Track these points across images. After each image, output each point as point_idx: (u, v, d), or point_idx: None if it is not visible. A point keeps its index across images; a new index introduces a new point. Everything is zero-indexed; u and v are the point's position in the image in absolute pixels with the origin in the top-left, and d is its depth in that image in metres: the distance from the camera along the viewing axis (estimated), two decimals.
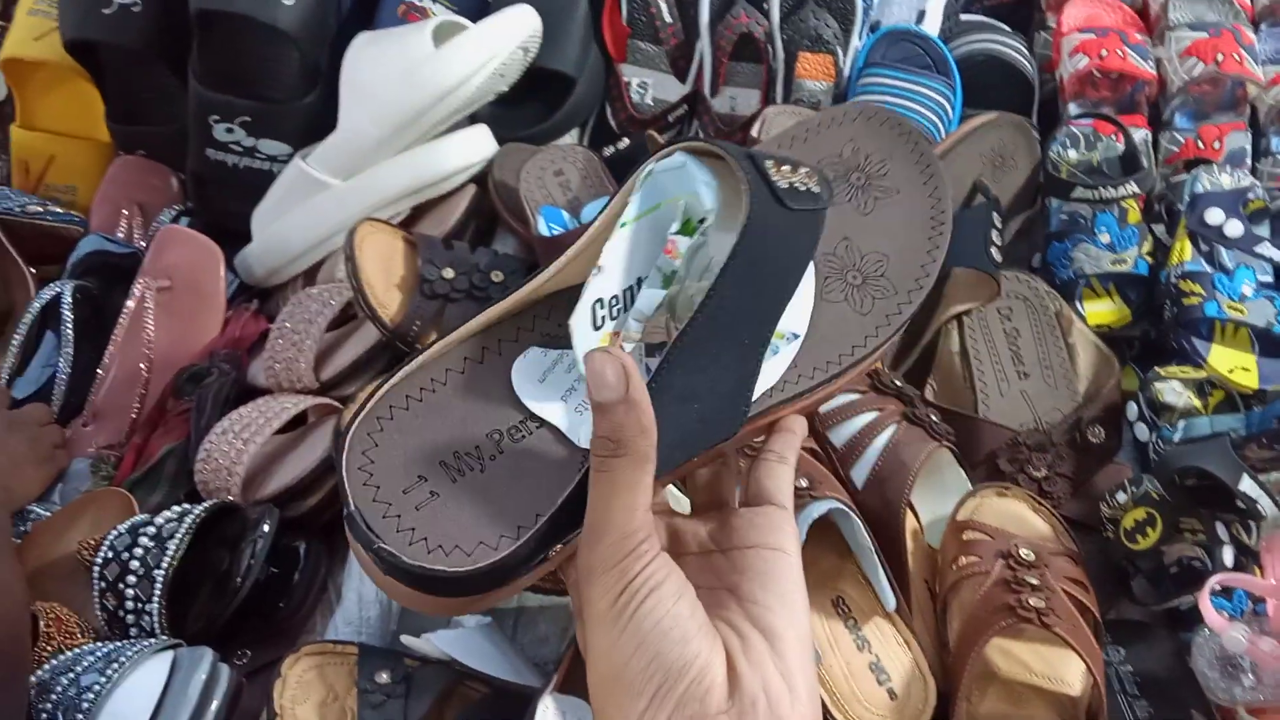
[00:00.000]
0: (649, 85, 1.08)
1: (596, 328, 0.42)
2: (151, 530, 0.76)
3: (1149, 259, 0.88)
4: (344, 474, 0.40)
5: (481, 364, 0.44)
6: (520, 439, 0.42)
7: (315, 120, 0.99)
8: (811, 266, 0.45)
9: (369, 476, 0.40)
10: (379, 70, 0.93)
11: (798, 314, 0.44)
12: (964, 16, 1.09)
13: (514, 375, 0.43)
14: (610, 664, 0.37)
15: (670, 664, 0.36)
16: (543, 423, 0.43)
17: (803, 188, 0.41)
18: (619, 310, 0.42)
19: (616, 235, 0.42)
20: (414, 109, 0.93)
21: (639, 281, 0.42)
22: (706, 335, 0.38)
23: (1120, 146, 0.92)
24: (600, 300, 0.42)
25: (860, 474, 0.77)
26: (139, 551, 0.75)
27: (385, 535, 0.38)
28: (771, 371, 0.43)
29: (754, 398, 0.42)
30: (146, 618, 0.74)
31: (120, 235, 1.06)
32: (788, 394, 0.43)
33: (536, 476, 0.41)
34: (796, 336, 0.44)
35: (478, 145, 0.99)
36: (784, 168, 0.42)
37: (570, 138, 1.09)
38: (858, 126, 0.49)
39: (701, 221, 0.41)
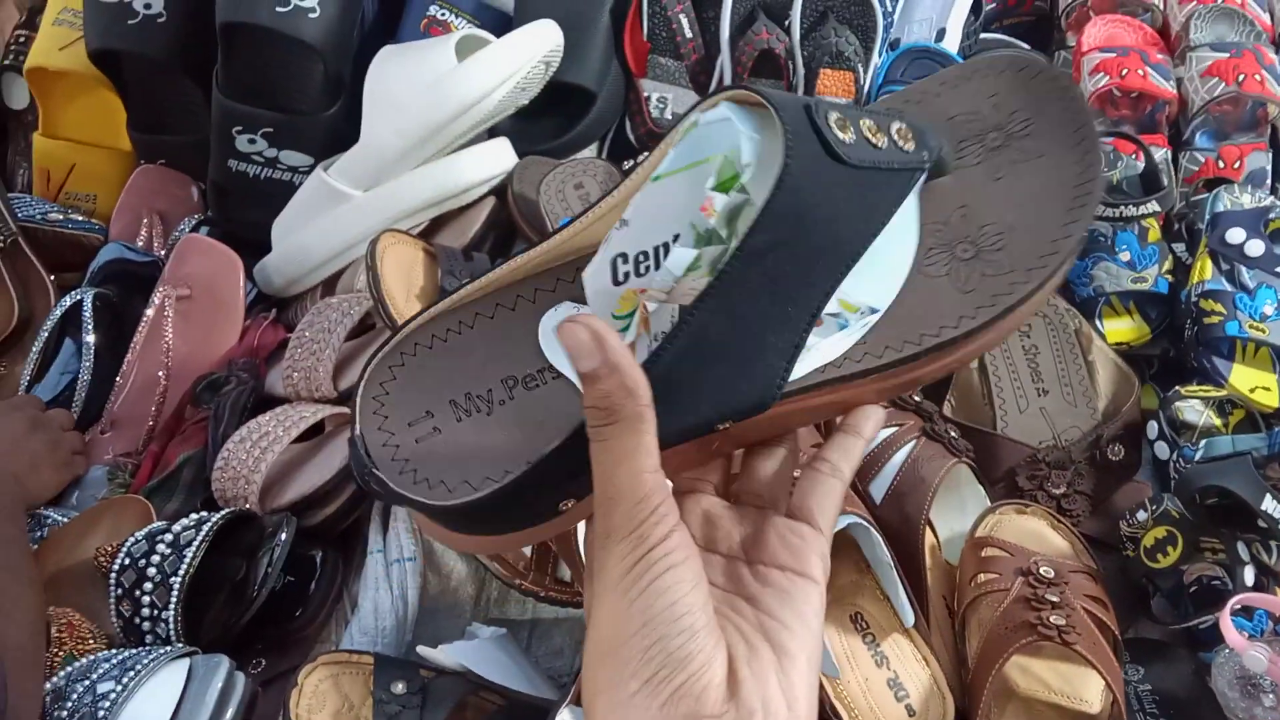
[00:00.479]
0: (669, 100, 1.08)
1: (617, 283, 0.40)
2: (169, 537, 0.76)
3: (1169, 277, 0.88)
4: (358, 401, 0.40)
5: (513, 311, 0.43)
6: (534, 387, 0.42)
7: (337, 132, 1.00)
8: (912, 235, 0.41)
9: (380, 406, 0.41)
10: (402, 83, 0.94)
11: (880, 286, 0.40)
12: (983, 35, 1.09)
13: (541, 325, 0.42)
14: (611, 636, 0.36)
15: (672, 652, 0.35)
16: (559, 375, 0.42)
17: (881, 144, 0.38)
18: (647, 268, 0.39)
19: (647, 189, 0.40)
20: (436, 122, 0.93)
21: (676, 239, 0.39)
22: (736, 293, 0.36)
23: (1140, 165, 0.92)
24: (624, 255, 0.40)
25: (879, 489, 0.77)
26: (156, 559, 0.75)
27: (380, 463, 0.39)
28: (835, 346, 0.40)
29: (805, 372, 0.39)
30: (163, 625, 0.74)
31: (140, 244, 1.06)
32: (846, 370, 0.39)
33: (540, 425, 0.40)
34: (875, 311, 0.40)
35: (498, 158, 0.99)
36: (863, 121, 0.38)
37: (589, 151, 1.09)
38: (1004, 80, 0.43)
39: (739, 177, 0.38)
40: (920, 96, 0.45)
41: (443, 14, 1.11)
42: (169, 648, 0.72)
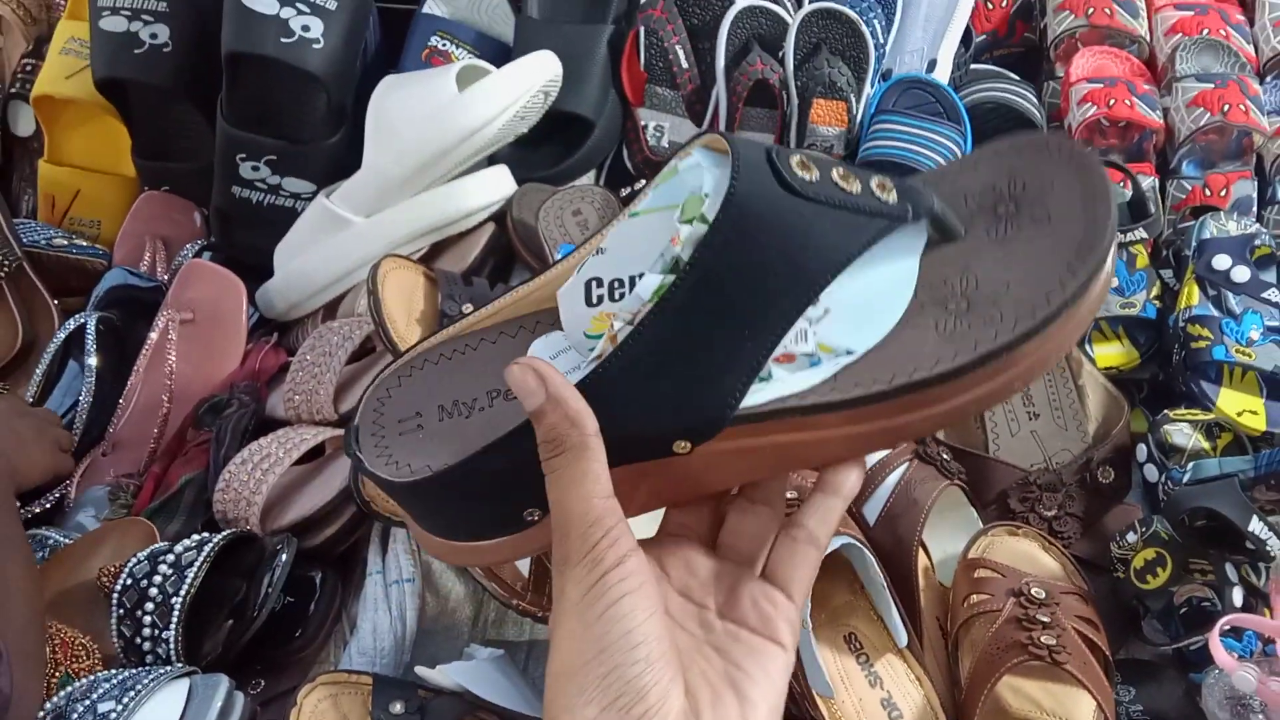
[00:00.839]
0: (665, 128, 1.10)
1: (590, 305, 0.42)
2: (170, 558, 0.77)
3: (1157, 303, 0.89)
4: (362, 403, 0.45)
5: (513, 339, 0.46)
6: (512, 399, 0.44)
7: (340, 159, 1.02)
8: (905, 291, 0.41)
9: (380, 406, 0.45)
10: (404, 112, 0.96)
11: (861, 333, 0.40)
12: (974, 66, 1.11)
13: (531, 349, 0.45)
14: (568, 659, 0.36)
15: (629, 680, 0.36)
16: None
17: (852, 189, 0.39)
18: (621, 295, 0.41)
19: (626, 222, 0.42)
20: (437, 149, 0.95)
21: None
22: (689, 311, 0.37)
23: (1128, 193, 0.94)
24: (599, 279, 0.42)
25: (872, 511, 0.78)
26: (158, 579, 0.76)
27: (364, 448, 0.43)
28: (801, 380, 0.40)
29: (764, 400, 0.39)
30: (163, 645, 0.75)
31: (144, 269, 1.08)
32: (808, 401, 0.39)
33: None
34: (850, 354, 0.40)
35: (497, 185, 1.01)
36: (836, 169, 0.39)
37: (587, 178, 1.11)
38: (1023, 157, 0.44)
39: (702, 208, 0.39)
40: (939, 178, 0.45)
41: (444, 44, 1.13)
42: (169, 667, 0.73)
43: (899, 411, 0.39)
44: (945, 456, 0.80)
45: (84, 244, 1.12)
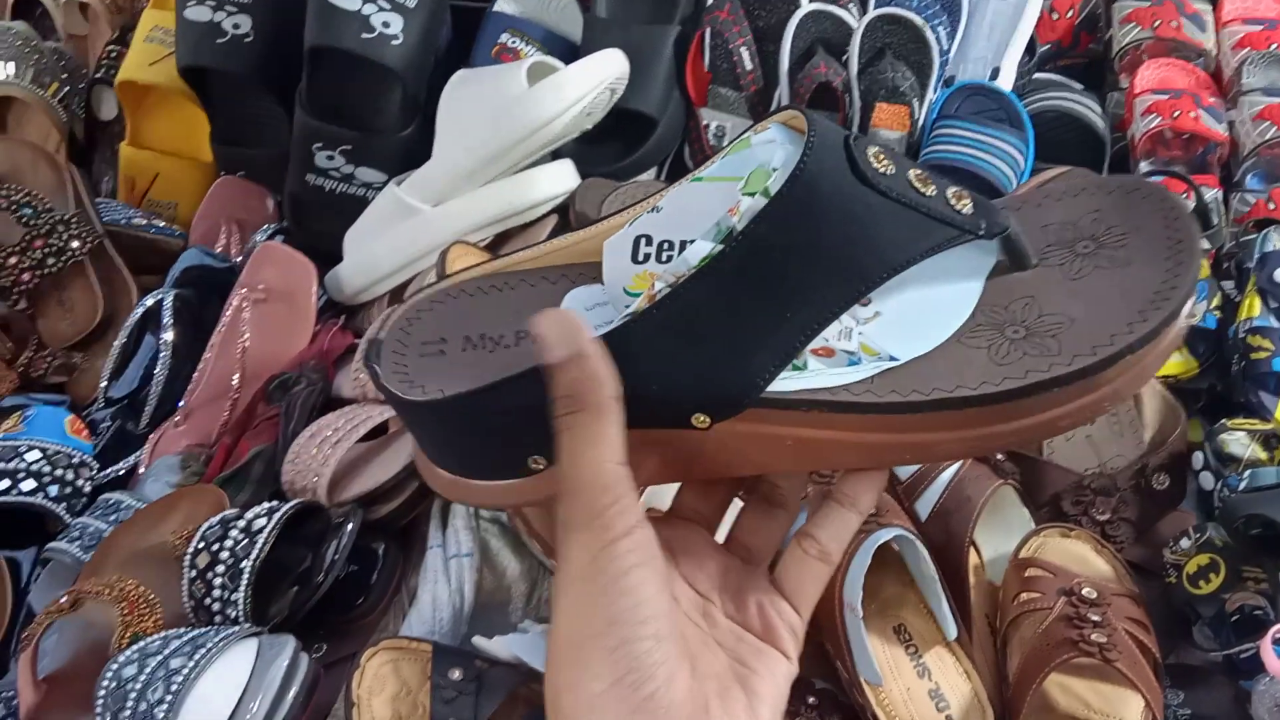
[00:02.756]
0: (726, 129, 1.12)
1: (636, 261, 0.41)
2: (241, 524, 0.80)
3: (1218, 314, 0.89)
4: (391, 320, 0.44)
5: (553, 285, 0.45)
6: None
7: (411, 151, 1.05)
8: (964, 309, 0.40)
9: (408, 324, 0.44)
10: (475, 105, 0.98)
11: (908, 341, 0.39)
12: (1037, 75, 1.12)
13: (567, 297, 0.44)
14: (574, 628, 0.35)
15: (637, 656, 0.34)
16: None
17: (928, 192, 0.38)
18: (669, 257, 0.41)
19: (686, 186, 0.41)
20: (506, 142, 0.97)
21: None
22: (733, 281, 0.36)
23: (1191, 204, 0.94)
24: (648, 237, 0.41)
25: (924, 507, 0.79)
26: (229, 543, 0.79)
27: (384, 364, 0.42)
28: (837, 377, 0.38)
29: (793, 388, 0.38)
30: (232, 606, 0.78)
31: (218, 250, 1.11)
32: (840, 398, 0.38)
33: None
34: (894, 360, 0.39)
35: (562, 178, 1.03)
36: (914, 170, 0.38)
37: (648, 175, 1.13)
38: (1111, 199, 0.42)
39: (767, 182, 0.38)
40: (1021, 203, 0.44)
41: (513, 42, 1.16)
42: (237, 627, 0.75)
43: (931, 427, 0.38)
44: (999, 456, 0.81)
45: (162, 224, 1.16)
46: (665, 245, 0.41)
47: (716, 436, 0.39)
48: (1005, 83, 1.05)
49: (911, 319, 0.39)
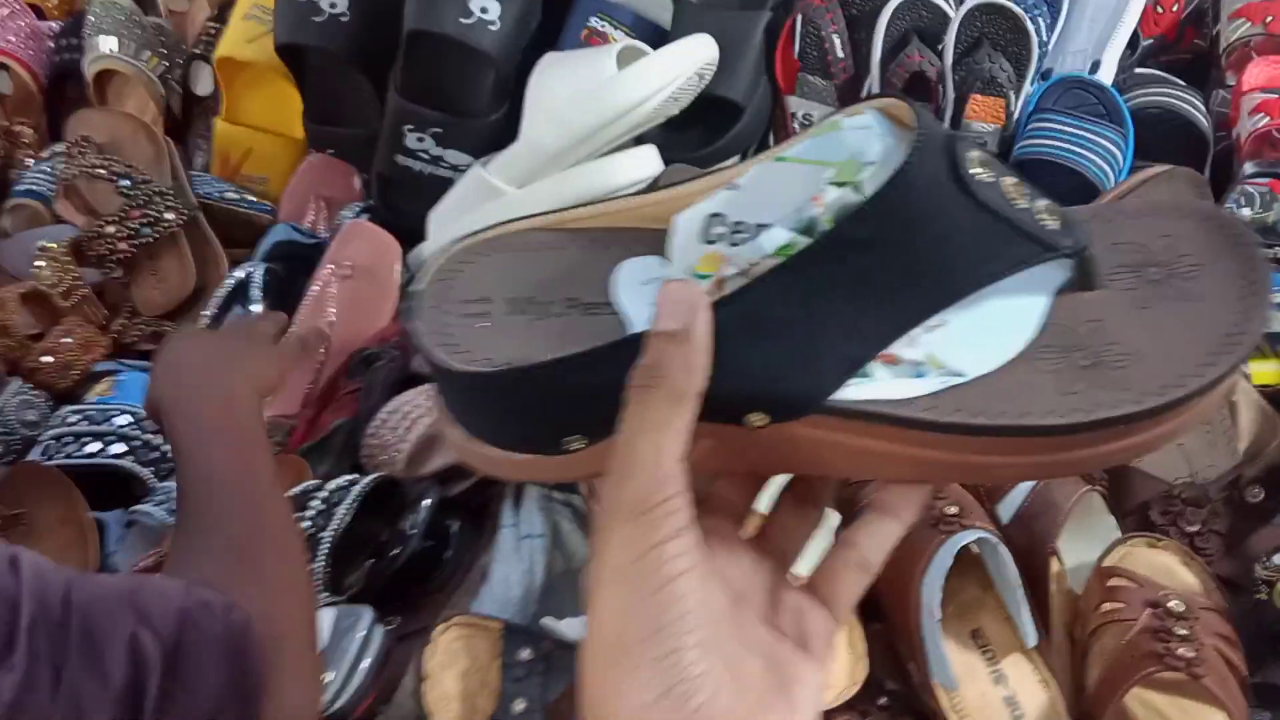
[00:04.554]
0: (814, 118, 1.10)
1: (707, 241, 0.39)
2: (323, 494, 0.81)
3: None
4: (432, 269, 0.41)
5: (606, 250, 0.43)
6: (589, 314, 0.41)
7: (500, 135, 1.05)
8: (1031, 324, 0.39)
9: (449, 277, 0.41)
10: (563, 87, 0.98)
11: (976, 357, 0.38)
12: (1139, 70, 1.08)
13: (622, 266, 0.42)
14: (617, 631, 0.33)
15: (684, 667, 0.33)
16: (617, 314, 0.42)
17: (1020, 204, 0.36)
18: (742, 239, 0.38)
19: (769, 165, 0.39)
20: (593, 125, 0.97)
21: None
22: (814, 281, 0.35)
23: None
24: (721, 215, 0.39)
25: (1007, 510, 0.77)
26: (309, 514, 0.81)
27: (425, 321, 0.40)
28: (901, 388, 0.37)
29: (858, 397, 0.36)
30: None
31: (307, 225, 1.14)
32: (902, 413, 0.36)
33: (577, 345, 0.39)
34: (960, 376, 0.37)
35: (646, 163, 1.03)
36: (1007, 178, 0.37)
37: (731, 163, 1.12)
38: (1186, 225, 0.41)
39: (859, 176, 0.36)
40: (1092, 215, 0.42)
41: (602, 25, 1.16)
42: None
43: (990, 450, 0.37)
44: None
45: (253, 199, 1.18)
46: (738, 226, 0.39)
47: (768, 437, 0.37)
48: (1105, 77, 1.02)
49: (978, 332, 0.38)
